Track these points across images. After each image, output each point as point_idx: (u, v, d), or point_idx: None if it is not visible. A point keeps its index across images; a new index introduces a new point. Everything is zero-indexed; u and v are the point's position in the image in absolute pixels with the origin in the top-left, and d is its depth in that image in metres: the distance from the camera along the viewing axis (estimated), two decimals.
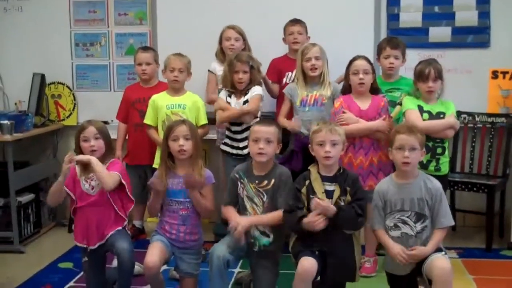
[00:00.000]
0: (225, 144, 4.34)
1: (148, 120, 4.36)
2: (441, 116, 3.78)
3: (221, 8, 4.99)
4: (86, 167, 3.45)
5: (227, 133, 4.33)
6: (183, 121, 3.49)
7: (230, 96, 4.24)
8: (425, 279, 3.09)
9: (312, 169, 3.26)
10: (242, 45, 4.59)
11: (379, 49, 4.30)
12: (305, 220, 3.13)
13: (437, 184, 3.19)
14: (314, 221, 3.10)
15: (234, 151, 4.27)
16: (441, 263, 3.02)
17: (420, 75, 3.78)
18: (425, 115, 3.77)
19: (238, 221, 3.30)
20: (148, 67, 4.63)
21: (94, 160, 3.40)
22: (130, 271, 3.43)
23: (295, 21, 4.58)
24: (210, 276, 3.23)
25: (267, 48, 4.72)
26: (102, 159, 3.50)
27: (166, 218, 3.48)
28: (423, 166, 3.61)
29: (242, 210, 3.41)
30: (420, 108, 3.78)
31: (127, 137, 4.79)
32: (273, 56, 4.71)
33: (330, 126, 3.25)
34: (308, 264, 3.08)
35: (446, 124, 3.77)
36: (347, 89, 4.00)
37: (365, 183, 3.80)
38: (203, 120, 4.33)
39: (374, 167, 3.84)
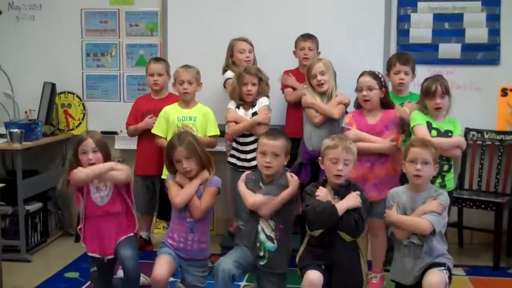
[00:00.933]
0: (232, 156, 4.34)
1: (157, 130, 4.37)
2: (449, 134, 3.77)
3: (231, 20, 5.01)
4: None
5: (234, 145, 4.33)
6: (180, 142, 3.46)
7: (238, 108, 4.25)
8: None
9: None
10: (253, 56, 4.61)
11: (389, 65, 4.30)
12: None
13: (445, 194, 3.27)
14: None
15: (240, 163, 4.27)
16: (432, 278, 3.07)
17: (427, 92, 3.77)
18: (434, 132, 3.76)
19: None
20: (160, 78, 4.64)
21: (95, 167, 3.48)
22: (135, 279, 3.45)
23: (307, 37, 4.59)
24: None
25: (275, 60, 4.74)
26: None
27: (174, 225, 3.51)
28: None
29: (251, 217, 3.43)
30: (429, 125, 3.78)
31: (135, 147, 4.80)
32: (283, 68, 4.71)
33: (345, 144, 3.26)
34: (313, 277, 3.09)
35: (454, 143, 3.75)
36: (359, 104, 4.00)
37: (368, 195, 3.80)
38: (212, 131, 4.33)
39: (378, 179, 3.81)
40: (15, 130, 4.61)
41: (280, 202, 3.35)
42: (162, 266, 3.35)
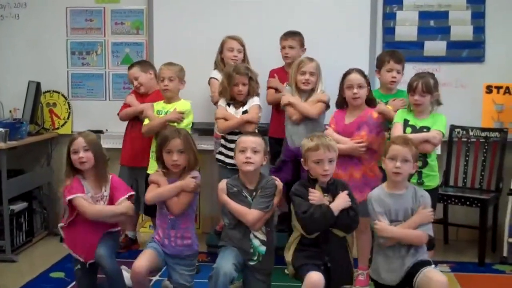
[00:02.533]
0: (220, 153, 4.33)
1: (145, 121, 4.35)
2: (425, 130, 3.76)
3: (218, 18, 5.01)
4: (99, 181, 3.53)
5: (222, 142, 4.32)
6: (179, 133, 3.49)
7: (229, 106, 4.24)
8: None
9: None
10: (242, 56, 4.60)
11: (381, 62, 4.26)
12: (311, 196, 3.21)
13: (425, 193, 3.28)
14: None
15: (228, 160, 4.25)
16: (438, 276, 3.07)
17: (409, 87, 3.80)
18: (408, 129, 3.78)
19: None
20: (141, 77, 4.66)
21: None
22: (114, 275, 3.45)
23: (288, 35, 4.57)
24: None
25: (263, 59, 4.71)
26: (93, 171, 3.53)
27: (158, 221, 3.53)
28: None
29: (239, 223, 3.40)
30: (406, 122, 3.79)
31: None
32: (270, 66, 4.71)
33: (326, 142, 3.26)
34: (316, 278, 3.09)
35: (421, 137, 3.69)
36: (341, 102, 4.00)
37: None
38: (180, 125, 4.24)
39: (355, 182, 3.78)
40: (0, 129, 4.58)
41: (271, 214, 3.40)
42: (143, 258, 3.38)
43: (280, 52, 4.63)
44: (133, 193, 3.68)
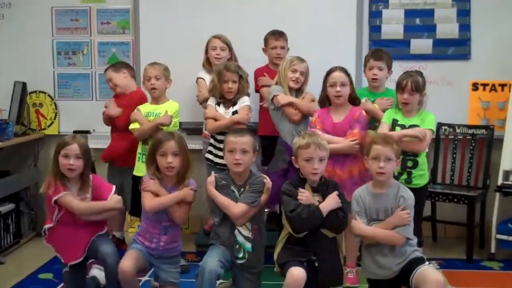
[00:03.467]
0: (210, 152, 4.31)
1: (133, 125, 4.29)
2: None
3: (205, 18, 4.99)
4: (83, 186, 3.50)
5: (211, 141, 4.31)
6: (172, 136, 3.47)
7: (218, 105, 4.23)
8: None
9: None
10: (228, 55, 4.59)
11: (365, 60, 4.33)
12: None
13: (410, 194, 3.27)
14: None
15: (217, 160, 4.24)
16: (435, 275, 3.07)
17: (398, 86, 3.81)
18: (398, 129, 3.80)
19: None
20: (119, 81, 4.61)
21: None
22: (115, 275, 3.42)
23: (279, 35, 4.57)
24: None
25: (250, 59, 4.69)
26: (78, 176, 3.51)
27: (147, 226, 3.51)
28: (394, 178, 3.58)
29: (227, 217, 3.41)
30: (395, 122, 3.81)
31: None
32: (253, 65, 4.67)
33: (317, 141, 3.27)
34: (297, 274, 3.11)
35: (403, 134, 3.72)
36: (324, 101, 4.00)
37: (350, 197, 3.82)
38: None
39: (355, 179, 3.84)
40: None
41: (258, 210, 3.40)
42: (128, 258, 3.39)
43: (265, 51, 4.62)
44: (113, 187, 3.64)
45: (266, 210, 4.00)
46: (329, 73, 3.94)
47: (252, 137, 3.46)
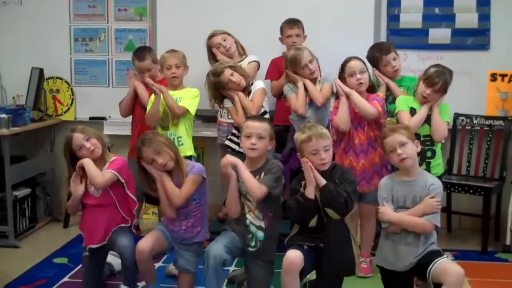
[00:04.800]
0: (231, 140, 4.28)
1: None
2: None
3: (220, 5, 4.98)
4: (84, 170, 3.51)
5: (233, 130, 4.28)
6: (144, 143, 3.44)
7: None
8: (430, 283, 3.09)
9: None
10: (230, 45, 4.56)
11: (376, 61, 4.23)
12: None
13: (438, 182, 3.24)
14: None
15: (238, 148, 4.21)
16: (455, 268, 3.05)
17: (428, 79, 3.71)
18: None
19: (227, 157, 3.38)
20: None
21: (84, 160, 3.49)
22: (133, 266, 3.46)
23: (293, 23, 4.53)
24: (206, 275, 3.21)
25: (262, 46, 4.69)
26: (101, 158, 3.56)
27: None
28: None
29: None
30: (413, 111, 3.77)
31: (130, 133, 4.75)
32: (268, 55, 4.67)
33: (318, 131, 3.23)
34: (292, 256, 3.11)
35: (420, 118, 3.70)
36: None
37: (370, 184, 3.82)
38: (185, 104, 4.16)
39: (376, 166, 3.82)
40: (3, 115, 4.59)
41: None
42: (148, 238, 3.42)
43: (282, 41, 4.60)
44: (122, 180, 3.59)
45: None
46: (345, 63, 3.90)
47: (270, 125, 3.43)
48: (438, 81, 3.68)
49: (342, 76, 3.91)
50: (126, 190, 3.58)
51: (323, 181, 3.17)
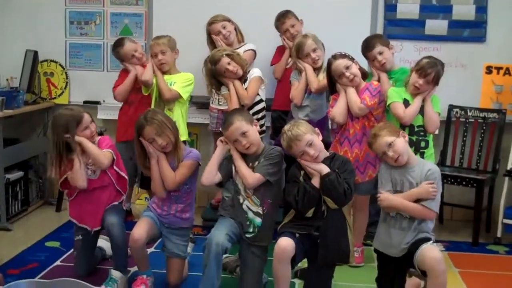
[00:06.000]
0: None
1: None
2: None
3: None
4: (82, 149, 3.52)
5: None
6: (147, 122, 3.44)
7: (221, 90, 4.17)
8: (418, 271, 3.11)
9: None
10: (230, 32, 4.52)
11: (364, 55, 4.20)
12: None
13: (434, 167, 3.24)
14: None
15: None
16: (431, 252, 3.04)
17: (421, 69, 3.71)
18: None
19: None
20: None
21: (84, 140, 3.48)
22: (122, 245, 3.50)
23: (283, 17, 4.50)
24: (206, 262, 3.19)
25: (260, 38, 4.65)
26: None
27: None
28: None
29: (235, 194, 3.39)
30: (406, 102, 3.76)
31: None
32: (271, 46, 4.67)
33: (293, 133, 3.20)
34: (284, 243, 3.11)
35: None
36: (333, 89, 3.91)
37: (364, 173, 3.83)
38: (177, 88, 4.19)
39: (370, 156, 3.81)
40: None
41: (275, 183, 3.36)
42: (141, 226, 3.41)
43: (282, 37, 4.55)
44: (114, 157, 3.65)
45: None
46: (329, 66, 3.86)
47: (240, 115, 3.35)
48: (430, 71, 3.68)
49: (330, 76, 3.87)
50: (117, 168, 3.63)
51: (324, 170, 3.17)
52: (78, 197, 3.62)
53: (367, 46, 4.13)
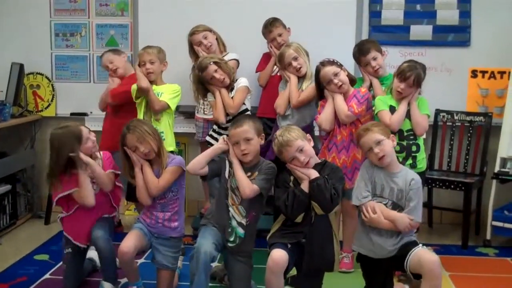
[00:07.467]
0: (211, 136, 4.26)
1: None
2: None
3: (205, 1, 4.96)
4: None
5: (214, 126, 4.25)
6: (129, 130, 3.46)
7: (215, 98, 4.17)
8: (409, 275, 3.12)
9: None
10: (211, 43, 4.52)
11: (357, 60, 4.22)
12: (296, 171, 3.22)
13: (417, 177, 3.24)
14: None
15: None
16: (429, 255, 3.06)
17: (400, 74, 3.72)
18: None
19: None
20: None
21: (91, 162, 3.54)
22: (109, 257, 3.50)
23: (270, 26, 4.49)
24: (195, 271, 3.17)
25: (244, 45, 4.68)
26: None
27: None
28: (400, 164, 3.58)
29: (222, 198, 3.39)
30: (392, 108, 3.77)
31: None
32: (257, 53, 4.69)
33: (284, 139, 3.21)
34: (278, 256, 3.10)
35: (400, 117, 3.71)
36: (322, 95, 3.94)
37: (353, 180, 3.81)
38: (165, 99, 4.12)
39: (357, 163, 3.81)
40: None
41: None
42: (130, 238, 3.40)
43: (269, 45, 4.54)
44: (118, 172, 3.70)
45: None
46: (317, 73, 3.88)
47: (252, 122, 3.38)
48: (410, 75, 3.68)
49: (317, 82, 3.90)
50: (117, 183, 3.71)
51: (313, 175, 3.18)
52: (77, 212, 3.59)
53: (361, 51, 4.12)
